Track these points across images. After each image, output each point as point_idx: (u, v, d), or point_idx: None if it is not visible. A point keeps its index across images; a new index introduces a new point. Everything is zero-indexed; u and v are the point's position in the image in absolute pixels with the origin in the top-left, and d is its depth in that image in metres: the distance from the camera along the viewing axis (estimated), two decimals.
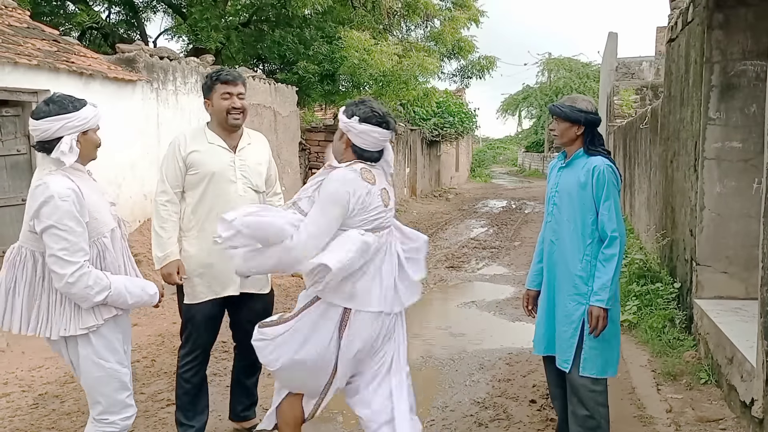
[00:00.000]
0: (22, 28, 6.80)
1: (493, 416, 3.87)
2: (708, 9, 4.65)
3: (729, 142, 4.66)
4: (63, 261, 2.37)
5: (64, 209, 2.38)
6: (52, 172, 2.47)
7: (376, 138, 2.69)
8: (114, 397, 2.57)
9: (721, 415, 3.72)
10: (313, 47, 11.57)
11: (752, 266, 4.37)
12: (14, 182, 6.01)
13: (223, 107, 3.23)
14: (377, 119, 2.68)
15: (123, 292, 2.52)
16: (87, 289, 2.41)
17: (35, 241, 2.45)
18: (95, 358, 2.52)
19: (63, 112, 2.48)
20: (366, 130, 2.67)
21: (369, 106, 2.70)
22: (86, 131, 2.55)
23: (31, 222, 2.43)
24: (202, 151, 3.23)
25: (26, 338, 5.14)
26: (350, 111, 2.71)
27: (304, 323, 2.68)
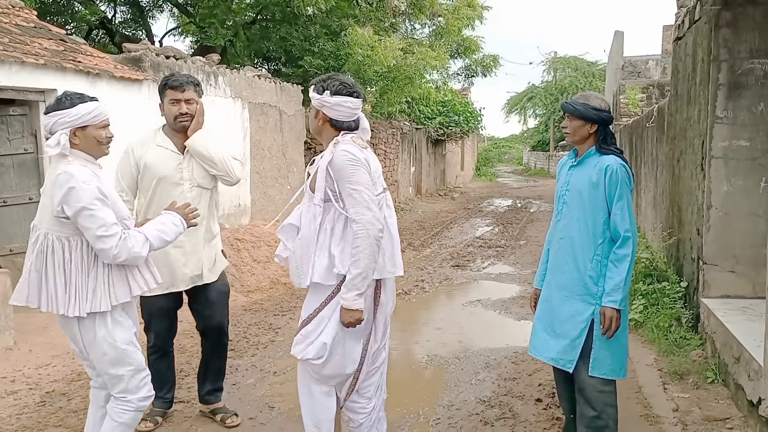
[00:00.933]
0: (28, 27, 6.82)
1: (498, 415, 3.87)
2: (715, 7, 4.63)
3: (736, 141, 4.65)
4: (104, 237, 2.55)
5: (89, 191, 2.55)
6: (70, 162, 2.60)
7: (349, 108, 2.77)
8: (132, 377, 2.74)
9: (728, 414, 3.71)
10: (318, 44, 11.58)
11: (760, 265, 4.35)
12: (21, 181, 6.03)
13: (171, 112, 3.44)
14: (347, 90, 2.76)
15: (158, 235, 2.76)
16: (132, 249, 2.62)
17: (62, 226, 2.60)
18: (109, 339, 2.68)
19: (58, 108, 2.64)
20: (339, 102, 2.74)
21: (337, 79, 2.78)
22: (84, 127, 2.64)
23: (59, 208, 2.56)
24: (150, 155, 3.44)
25: (34, 336, 5.19)
26: (320, 87, 2.78)
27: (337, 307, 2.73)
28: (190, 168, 3.47)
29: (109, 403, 2.79)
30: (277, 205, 9.82)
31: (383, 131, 15.58)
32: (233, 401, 4.05)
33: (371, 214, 2.63)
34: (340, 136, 2.78)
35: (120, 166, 3.50)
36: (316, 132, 2.87)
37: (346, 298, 2.65)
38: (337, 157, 2.69)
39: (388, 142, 16.14)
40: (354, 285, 2.64)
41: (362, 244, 2.62)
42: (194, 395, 4.04)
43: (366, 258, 2.62)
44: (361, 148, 2.76)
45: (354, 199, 2.66)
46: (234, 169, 3.57)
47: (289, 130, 10.51)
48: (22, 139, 6.03)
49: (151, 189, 3.42)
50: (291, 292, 7.19)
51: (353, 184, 2.66)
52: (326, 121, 2.81)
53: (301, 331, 2.82)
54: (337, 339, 2.74)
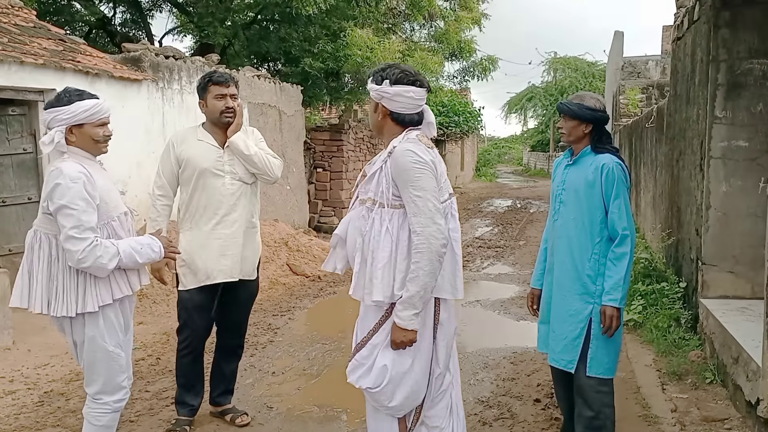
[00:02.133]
0: (28, 27, 6.82)
1: (497, 415, 3.86)
2: (714, 7, 4.63)
3: (735, 141, 4.64)
4: (75, 239, 2.51)
5: (75, 190, 2.52)
6: (65, 159, 2.58)
7: (412, 98, 2.51)
8: (112, 378, 2.72)
9: (727, 414, 3.71)
10: (318, 45, 11.59)
11: (758, 265, 4.35)
12: (20, 181, 6.03)
13: (217, 107, 3.43)
14: (409, 78, 2.51)
15: (131, 253, 2.67)
16: (98, 260, 2.54)
17: (49, 223, 2.59)
18: (99, 339, 2.66)
19: (56, 104, 2.61)
20: (400, 91, 2.49)
21: (397, 68, 2.53)
22: (81, 125, 2.62)
23: (45, 203, 2.56)
24: (192, 149, 3.45)
25: (32, 336, 5.19)
26: (378, 77, 2.53)
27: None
28: (232, 162, 3.48)
29: (85, 407, 2.76)
30: (276, 205, 9.82)
31: None
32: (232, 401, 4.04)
33: (435, 227, 2.37)
34: (403, 133, 2.53)
35: (161, 162, 3.52)
36: (377, 128, 2.63)
37: (401, 316, 2.40)
38: (399, 157, 2.43)
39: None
40: (411, 303, 2.38)
41: (422, 259, 2.36)
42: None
43: (425, 275, 2.36)
44: (427, 148, 2.49)
45: (417, 207, 2.39)
46: (273, 168, 3.56)
47: (289, 130, 10.51)
48: (21, 139, 6.03)
49: (193, 182, 3.44)
50: (290, 292, 7.19)
51: (417, 189, 2.39)
52: (386, 115, 2.55)
53: (355, 357, 2.57)
54: (398, 364, 2.47)
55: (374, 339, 2.51)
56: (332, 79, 12.14)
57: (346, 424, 3.80)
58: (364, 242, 2.50)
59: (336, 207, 12.37)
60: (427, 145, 2.50)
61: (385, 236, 2.45)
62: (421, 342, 2.50)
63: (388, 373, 2.46)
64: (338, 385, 4.41)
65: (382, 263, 2.44)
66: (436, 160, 2.50)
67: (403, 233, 2.44)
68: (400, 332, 2.43)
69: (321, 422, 3.81)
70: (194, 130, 3.55)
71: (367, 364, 2.52)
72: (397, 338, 2.44)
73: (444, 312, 2.57)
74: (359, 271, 2.51)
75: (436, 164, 2.48)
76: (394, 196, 2.46)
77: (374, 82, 2.54)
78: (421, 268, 2.36)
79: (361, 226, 2.52)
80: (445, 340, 2.58)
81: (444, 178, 2.55)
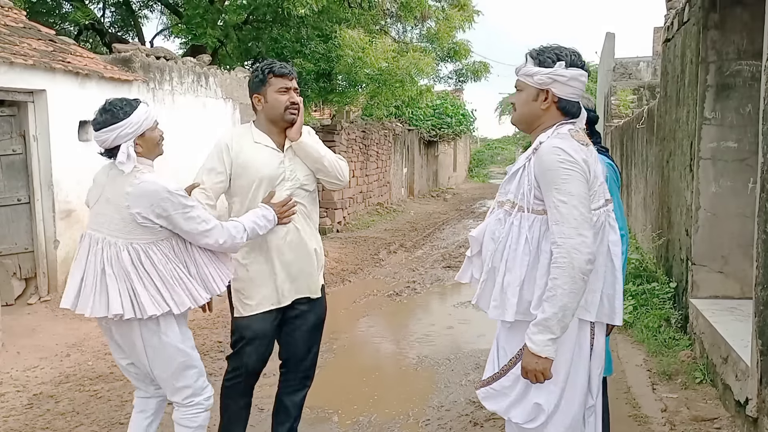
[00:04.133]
0: (17, 27, 6.78)
1: (488, 415, 3.87)
2: (704, 9, 4.65)
3: (724, 142, 4.67)
4: (207, 232, 2.60)
5: (180, 195, 2.56)
6: (142, 171, 2.58)
7: (583, 84, 2.19)
8: (197, 380, 2.71)
9: (716, 414, 3.72)
10: (309, 46, 11.58)
11: (747, 266, 4.37)
12: (10, 182, 5.99)
13: (281, 102, 2.91)
14: (582, 61, 2.17)
15: (254, 227, 2.76)
16: (234, 238, 2.68)
17: (141, 232, 2.54)
18: (179, 343, 2.63)
19: (115, 121, 2.53)
20: (576, 75, 2.15)
21: (567, 48, 2.18)
22: (143, 133, 2.61)
23: (144, 215, 2.52)
24: (248, 153, 2.93)
25: (22, 338, 5.16)
26: (547, 58, 2.15)
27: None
28: (293, 167, 2.97)
29: (175, 414, 2.73)
30: None
31: (375, 132, 15.58)
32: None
33: (580, 240, 2.01)
34: (554, 127, 2.18)
35: (208, 163, 2.96)
36: (532, 119, 2.24)
37: (534, 340, 2.05)
38: (545, 155, 2.09)
39: (381, 143, 16.15)
40: (547, 327, 2.03)
41: (561, 276, 2.01)
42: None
43: (564, 295, 2.01)
44: (581, 145, 2.13)
45: (560, 214, 2.04)
46: (344, 171, 3.10)
47: None
48: (11, 140, 5.99)
49: (251, 191, 2.91)
50: None
51: (562, 194, 2.04)
52: (554, 103, 2.18)
53: (493, 385, 2.26)
54: (554, 401, 2.15)
55: (517, 369, 2.17)
56: (323, 81, 12.13)
57: (338, 426, 3.80)
58: (497, 249, 2.21)
59: (329, 208, 12.35)
60: (580, 141, 2.15)
61: (524, 246, 2.14)
62: (577, 375, 2.17)
63: (544, 413, 2.15)
64: (329, 387, 4.40)
65: (519, 278, 2.14)
66: (590, 160, 2.14)
67: (545, 244, 2.11)
68: (531, 359, 2.07)
69: (312, 423, 3.81)
70: (248, 131, 3.00)
71: (511, 396, 2.21)
72: (528, 365, 2.08)
73: (600, 337, 2.23)
74: (486, 280, 2.25)
75: (589, 164, 2.11)
76: (536, 200, 2.13)
77: (540, 65, 2.16)
78: (559, 286, 2.02)
79: (496, 231, 2.23)
80: (599, 369, 2.26)
81: (599, 181, 2.17)
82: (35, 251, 6.12)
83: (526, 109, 2.23)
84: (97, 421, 3.80)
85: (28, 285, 6.17)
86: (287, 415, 3.19)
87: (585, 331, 2.18)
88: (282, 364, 3.21)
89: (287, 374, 3.21)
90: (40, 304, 6.01)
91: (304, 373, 3.20)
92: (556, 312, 2.02)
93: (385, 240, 11.33)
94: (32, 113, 6.06)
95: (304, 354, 3.15)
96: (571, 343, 2.15)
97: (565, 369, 2.14)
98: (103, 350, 5.05)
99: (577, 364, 2.16)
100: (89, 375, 4.55)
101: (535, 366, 2.07)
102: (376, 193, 15.90)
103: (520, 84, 2.25)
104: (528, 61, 2.20)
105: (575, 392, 2.17)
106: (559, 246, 2.03)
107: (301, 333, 3.10)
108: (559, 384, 2.14)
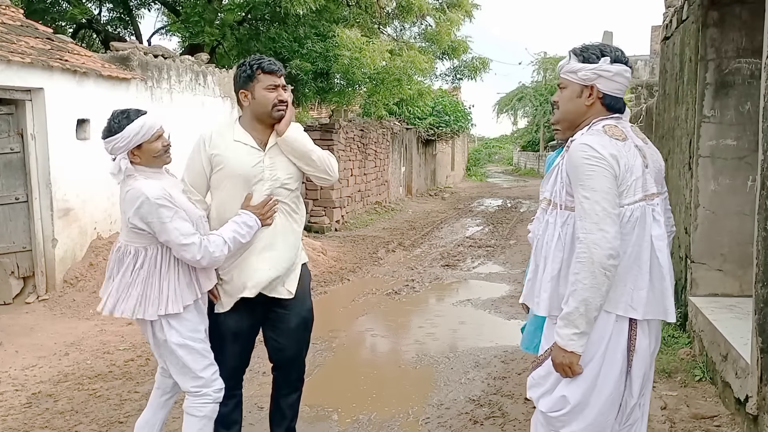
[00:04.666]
0: (15, 26, 6.76)
1: (488, 414, 3.87)
2: (703, 7, 4.65)
3: (723, 140, 4.67)
4: (185, 246, 2.64)
5: (159, 205, 2.61)
6: (136, 179, 2.67)
7: (627, 80, 2.19)
8: (206, 372, 2.79)
9: (716, 412, 3.72)
10: (307, 45, 11.56)
11: (747, 263, 4.37)
12: (8, 181, 5.98)
13: (269, 99, 2.86)
14: (626, 57, 2.19)
15: (235, 237, 2.77)
16: (212, 255, 2.70)
17: (136, 237, 2.69)
18: (180, 340, 2.73)
19: (110, 134, 2.66)
20: (621, 71, 2.16)
21: (609, 45, 2.19)
22: (140, 145, 2.68)
23: (133, 221, 2.65)
24: (227, 151, 2.90)
25: (20, 337, 5.15)
26: (591, 54, 2.17)
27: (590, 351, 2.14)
28: (273, 166, 2.92)
29: (185, 403, 2.83)
30: None
31: (374, 131, 15.57)
32: None
33: (600, 235, 2.02)
34: (590, 124, 2.19)
35: (189, 161, 2.98)
36: (576, 116, 2.24)
37: (560, 334, 2.10)
38: (573, 151, 2.11)
39: (379, 142, 16.14)
40: (570, 321, 2.07)
41: (582, 270, 2.04)
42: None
43: (585, 289, 2.03)
44: (614, 140, 2.11)
45: (584, 210, 2.06)
46: (333, 167, 3.05)
47: None
48: (9, 139, 5.98)
49: (227, 189, 2.90)
50: None
51: (586, 189, 2.06)
52: (599, 99, 2.19)
53: (532, 374, 2.31)
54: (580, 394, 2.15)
55: (550, 361, 2.20)
56: (321, 80, 12.11)
57: (337, 424, 3.79)
58: (537, 246, 2.26)
59: (327, 207, 12.34)
60: (614, 136, 2.12)
61: (557, 243, 2.17)
62: (610, 369, 2.14)
63: (569, 405, 2.16)
64: (329, 385, 4.40)
65: (551, 274, 2.17)
66: (623, 154, 2.10)
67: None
68: (559, 352, 2.11)
69: (311, 422, 3.80)
70: (230, 128, 2.96)
71: (544, 386, 2.23)
72: (556, 358, 2.13)
73: (643, 337, 2.18)
74: (532, 278, 2.28)
75: (619, 159, 2.08)
76: (568, 196, 2.15)
77: (584, 61, 2.18)
78: (579, 281, 2.04)
79: (535, 229, 2.30)
80: (642, 369, 2.20)
81: (635, 176, 2.12)
82: (33, 250, 6.10)
83: (570, 106, 2.24)
84: (96, 420, 3.79)
85: (26, 284, 6.16)
86: (283, 416, 3.19)
87: (621, 329, 2.14)
88: (272, 367, 3.19)
89: (279, 378, 3.19)
90: (38, 303, 6.00)
91: (295, 375, 3.18)
92: (577, 306, 2.05)
93: (384, 239, 11.33)
94: (30, 112, 6.05)
95: (293, 358, 3.12)
96: (602, 340, 2.13)
97: (594, 365, 2.13)
98: (102, 349, 5.05)
99: (611, 361, 2.14)
100: (88, 374, 4.54)
101: (562, 359, 2.11)
102: (374, 191, 15.89)
103: (563, 81, 2.25)
104: (571, 58, 2.21)
105: (604, 389, 2.15)
106: (581, 241, 2.06)
107: (287, 337, 3.06)
108: (587, 379, 2.14)
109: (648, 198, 2.17)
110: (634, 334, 2.16)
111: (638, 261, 2.12)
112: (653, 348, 2.25)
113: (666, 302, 2.18)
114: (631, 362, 2.17)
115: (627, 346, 2.16)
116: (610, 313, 2.12)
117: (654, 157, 2.24)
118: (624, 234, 2.09)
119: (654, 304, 2.16)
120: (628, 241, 2.11)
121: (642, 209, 2.14)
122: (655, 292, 2.16)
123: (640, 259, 2.12)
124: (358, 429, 3.73)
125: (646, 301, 2.13)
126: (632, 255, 2.12)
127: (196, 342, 2.77)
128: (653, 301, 2.15)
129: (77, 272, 6.33)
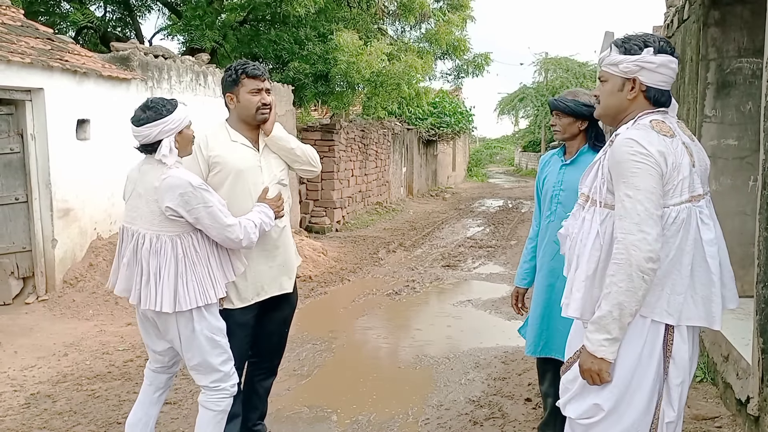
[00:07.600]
0: (15, 26, 6.76)
1: (488, 415, 3.85)
2: (704, 6, 4.64)
3: (725, 140, 4.65)
4: (229, 228, 2.72)
5: (203, 189, 2.69)
6: (171, 167, 2.71)
7: (673, 71, 2.07)
8: (225, 366, 2.84)
9: (717, 413, 3.71)
10: (307, 47, 11.55)
11: (748, 264, 4.35)
12: (8, 181, 5.97)
13: (252, 103, 2.99)
14: (672, 48, 2.05)
15: (261, 223, 2.87)
16: (250, 235, 2.79)
17: (170, 225, 2.70)
18: (208, 332, 2.77)
19: (159, 117, 2.69)
20: (666, 62, 2.04)
21: (652, 35, 2.07)
22: (181, 130, 2.76)
23: (173, 209, 2.66)
24: (225, 150, 3.00)
25: (19, 337, 5.14)
26: (633, 45, 2.05)
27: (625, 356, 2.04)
28: (268, 163, 3.08)
29: (201, 397, 2.87)
30: None
31: (374, 131, 15.56)
32: None
33: (640, 236, 1.91)
34: (636, 118, 2.07)
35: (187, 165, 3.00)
36: (618, 110, 2.13)
37: (590, 339, 1.99)
38: (617, 146, 2.00)
39: (380, 143, 16.13)
40: (602, 325, 1.96)
41: (618, 272, 1.93)
42: None
43: (620, 293, 1.92)
44: (662, 136, 1.99)
45: (624, 209, 1.95)
46: (316, 159, 3.23)
47: None
48: (9, 139, 5.97)
49: (227, 188, 2.96)
50: None
51: (629, 187, 1.95)
52: (642, 92, 2.07)
53: (562, 378, 2.20)
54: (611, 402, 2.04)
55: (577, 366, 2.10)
56: (321, 83, 12.10)
57: (336, 425, 3.78)
58: (571, 244, 2.15)
59: (327, 207, 12.34)
60: (661, 132, 2.00)
61: (594, 240, 2.05)
62: (642, 381, 2.03)
63: (602, 413, 2.05)
64: (328, 386, 4.39)
65: (586, 273, 2.05)
66: (671, 152, 1.98)
67: None
68: (588, 358, 2.01)
69: (311, 423, 3.79)
70: (222, 129, 3.07)
71: (572, 390, 2.13)
72: (584, 364, 2.02)
73: (681, 343, 2.04)
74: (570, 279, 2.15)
75: (666, 157, 1.96)
76: (609, 193, 2.04)
77: (625, 53, 2.06)
78: (615, 284, 1.94)
79: (570, 226, 2.18)
80: (680, 378, 2.06)
81: (682, 175, 2.00)
82: (33, 250, 6.10)
83: (611, 101, 2.13)
84: (95, 421, 3.78)
85: (26, 284, 6.15)
86: (260, 399, 3.37)
87: (657, 334, 2.03)
88: (254, 353, 3.29)
89: (260, 363, 3.35)
90: (38, 303, 5.99)
91: (277, 360, 3.42)
92: (611, 310, 1.94)
93: (384, 239, 11.32)
94: (30, 112, 6.04)
95: (278, 344, 3.35)
96: (635, 346, 2.03)
97: (625, 372, 2.03)
98: (101, 350, 5.04)
99: (645, 369, 2.03)
100: (87, 374, 4.53)
101: (590, 365, 2.01)
102: (375, 192, 15.88)
103: (604, 74, 2.15)
104: (612, 50, 2.10)
105: (636, 399, 2.03)
106: (619, 242, 1.95)
107: (277, 325, 3.26)
108: (619, 386, 2.03)
109: (695, 199, 2.04)
110: (671, 339, 2.04)
111: (678, 265, 2.01)
112: (691, 354, 2.09)
113: (712, 308, 2.05)
114: (667, 369, 2.05)
115: (663, 353, 2.04)
116: (645, 318, 2.01)
117: (700, 155, 2.11)
118: (667, 237, 1.98)
119: (694, 310, 2.04)
120: (671, 244, 1.99)
121: (688, 211, 2.02)
122: (696, 298, 2.04)
123: (680, 263, 2.01)
124: (357, 430, 3.72)
125: (683, 307, 2.02)
126: (674, 259, 2.00)
127: (220, 336, 2.82)
128: (693, 306, 2.04)
129: (77, 273, 6.32)
